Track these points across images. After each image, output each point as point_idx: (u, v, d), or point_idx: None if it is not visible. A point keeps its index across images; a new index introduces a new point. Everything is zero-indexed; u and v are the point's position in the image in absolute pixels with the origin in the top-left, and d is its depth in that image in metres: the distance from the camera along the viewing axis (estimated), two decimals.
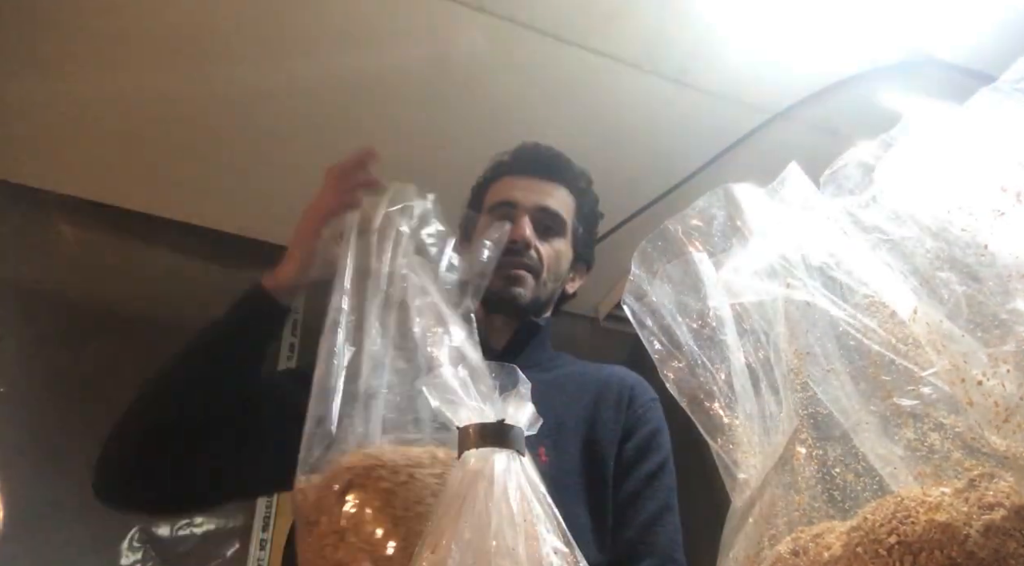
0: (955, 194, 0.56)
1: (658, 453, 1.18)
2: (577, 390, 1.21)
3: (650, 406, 1.22)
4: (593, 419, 1.18)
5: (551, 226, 1.28)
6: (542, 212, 1.27)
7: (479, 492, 0.54)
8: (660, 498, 1.13)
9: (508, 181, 1.32)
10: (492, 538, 0.51)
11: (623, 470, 1.14)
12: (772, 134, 1.75)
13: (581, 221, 1.34)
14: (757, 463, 0.61)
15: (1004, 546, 0.45)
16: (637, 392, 1.23)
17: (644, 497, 1.12)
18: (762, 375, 0.62)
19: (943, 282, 0.54)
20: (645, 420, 1.20)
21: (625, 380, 1.24)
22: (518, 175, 1.32)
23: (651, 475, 1.15)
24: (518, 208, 1.27)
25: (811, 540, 0.53)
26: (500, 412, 0.58)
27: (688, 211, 0.70)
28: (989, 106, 0.58)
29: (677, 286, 0.67)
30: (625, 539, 1.08)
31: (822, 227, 0.62)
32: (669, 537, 1.11)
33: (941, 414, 0.53)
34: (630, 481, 1.13)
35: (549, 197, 1.30)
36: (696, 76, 1.64)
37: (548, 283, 1.27)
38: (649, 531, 1.10)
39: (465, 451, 0.57)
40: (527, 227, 1.24)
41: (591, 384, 1.22)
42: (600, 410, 1.18)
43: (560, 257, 1.28)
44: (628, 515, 1.11)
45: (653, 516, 1.11)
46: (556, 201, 1.30)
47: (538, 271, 1.25)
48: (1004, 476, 0.49)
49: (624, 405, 1.20)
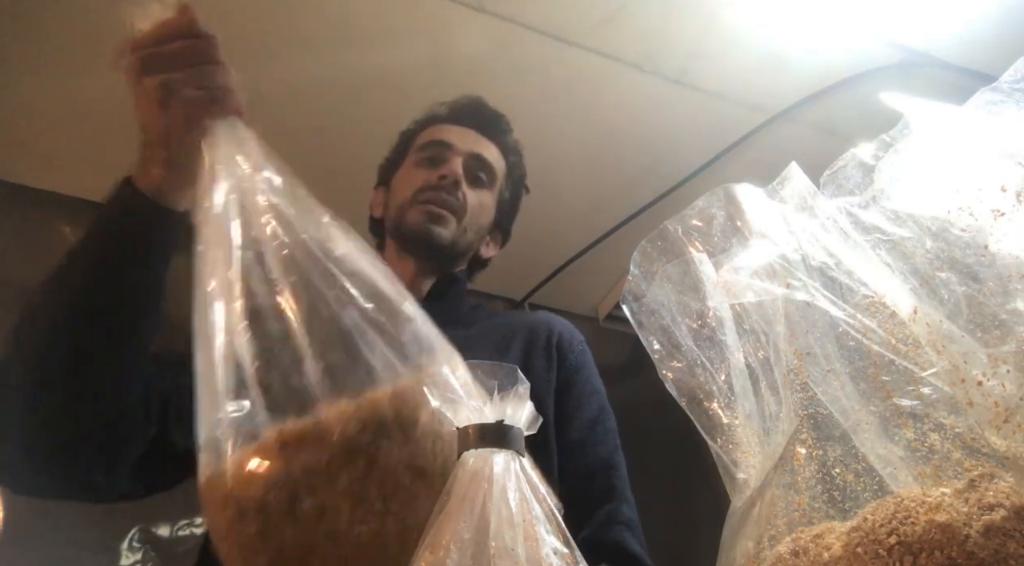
0: (955, 194, 0.56)
1: (596, 396, 1.15)
2: (503, 341, 1.16)
3: (580, 350, 1.19)
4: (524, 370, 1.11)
5: (482, 176, 1.24)
6: (476, 160, 1.24)
7: (478, 492, 0.53)
8: (609, 442, 1.11)
9: (444, 127, 1.28)
10: (491, 539, 0.51)
11: (565, 419, 1.10)
12: (772, 134, 1.75)
13: (508, 186, 1.30)
14: (757, 463, 0.61)
15: (1004, 546, 0.45)
16: (566, 337, 1.19)
17: (591, 443, 1.10)
18: (762, 375, 0.62)
19: (943, 282, 0.54)
20: (578, 366, 1.16)
21: (552, 326, 1.20)
22: (454, 124, 1.28)
23: (594, 421, 1.12)
24: (452, 149, 1.23)
25: (811, 540, 0.53)
26: (499, 412, 0.58)
27: (688, 211, 0.70)
28: (989, 106, 0.58)
29: (677, 286, 0.67)
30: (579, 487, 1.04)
31: (822, 227, 0.62)
32: (623, 480, 1.08)
33: (941, 414, 0.53)
34: (574, 430, 1.10)
35: (484, 149, 1.26)
36: (696, 76, 1.64)
37: (468, 232, 1.22)
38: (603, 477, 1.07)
39: (464, 451, 0.57)
40: (458, 166, 1.20)
41: (517, 334, 1.18)
42: (531, 359, 1.14)
43: (484, 209, 1.24)
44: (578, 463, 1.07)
45: (605, 462, 1.08)
46: (491, 155, 1.26)
47: (461, 214, 1.20)
48: (1004, 476, 0.49)
49: (554, 351, 1.16)
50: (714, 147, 1.81)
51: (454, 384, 0.63)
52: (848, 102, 1.64)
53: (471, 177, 1.23)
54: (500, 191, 1.28)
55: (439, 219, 1.18)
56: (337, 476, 0.58)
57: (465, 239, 1.22)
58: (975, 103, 0.59)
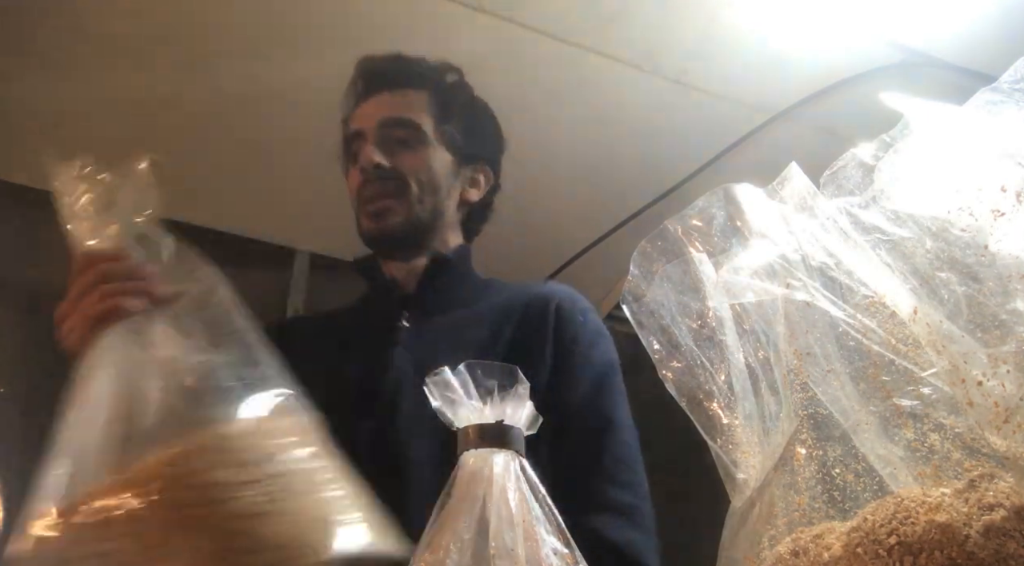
0: (955, 194, 0.56)
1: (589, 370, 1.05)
2: (500, 318, 1.10)
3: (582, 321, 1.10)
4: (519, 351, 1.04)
5: (403, 137, 1.15)
6: (386, 126, 1.15)
7: (478, 493, 0.54)
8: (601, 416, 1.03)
9: (357, 111, 1.19)
10: (491, 539, 0.51)
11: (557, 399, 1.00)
12: (772, 134, 1.75)
13: (449, 117, 1.18)
14: (757, 463, 0.61)
15: (1004, 547, 0.45)
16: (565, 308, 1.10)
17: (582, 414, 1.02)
18: (762, 375, 0.62)
19: (943, 282, 0.54)
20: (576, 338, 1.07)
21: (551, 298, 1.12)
22: (365, 98, 1.19)
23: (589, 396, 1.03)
24: (363, 134, 1.16)
25: (811, 541, 0.53)
26: (499, 412, 0.58)
27: (688, 211, 0.70)
28: (989, 106, 0.58)
29: (677, 286, 0.67)
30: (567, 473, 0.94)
31: (822, 227, 0.62)
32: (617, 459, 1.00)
33: (941, 415, 0.53)
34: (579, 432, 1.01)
35: (393, 107, 1.16)
36: (696, 76, 1.64)
37: (425, 199, 1.13)
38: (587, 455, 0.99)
39: (464, 452, 0.57)
40: (371, 151, 1.12)
41: (515, 309, 1.11)
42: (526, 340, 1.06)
43: (427, 165, 1.14)
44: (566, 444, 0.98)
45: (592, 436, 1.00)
46: (402, 107, 1.16)
47: (403, 191, 1.12)
48: (1004, 476, 0.49)
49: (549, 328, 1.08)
50: (714, 147, 1.81)
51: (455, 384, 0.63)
52: (848, 102, 1.64)
53: (393, 144, 1.13)
54: (442, 132, 1.17)
55: (382, 214, 1.12)
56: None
57: (426, 209, 1.14)
58: (975, 103, 0.59)
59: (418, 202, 1.12)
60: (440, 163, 1.15)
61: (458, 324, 0.89)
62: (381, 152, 1.12)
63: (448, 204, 1.18)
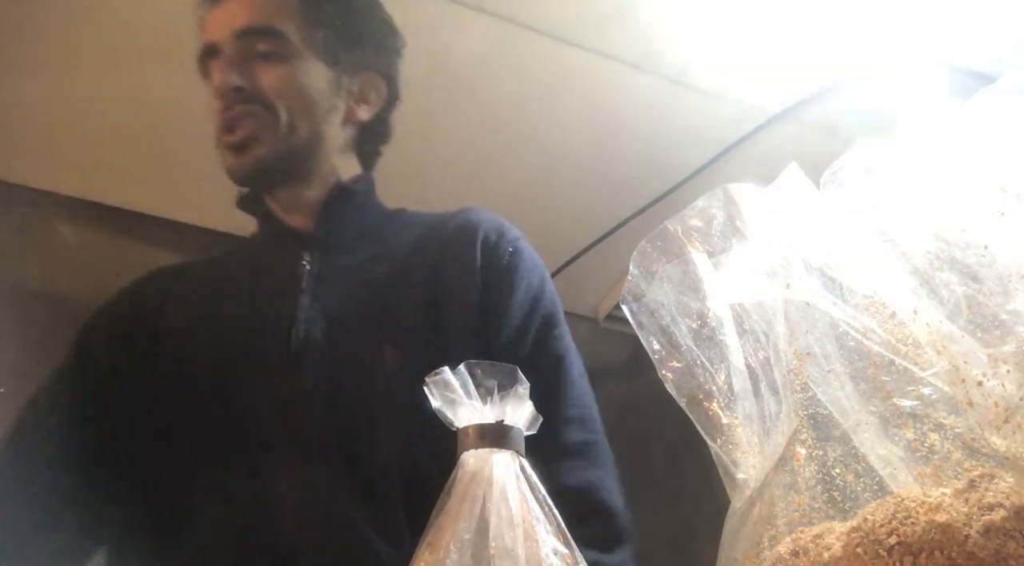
0: (955, 194, 0.56)
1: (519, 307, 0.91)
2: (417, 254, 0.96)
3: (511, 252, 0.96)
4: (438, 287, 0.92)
5: (266, 50, 0.95)
6: (243, 38, 0.96)
7: (478, 493, 0.54)
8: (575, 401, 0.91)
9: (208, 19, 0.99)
10: (491, 539, 0.51)
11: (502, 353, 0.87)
12: (772, 134, 1.75)
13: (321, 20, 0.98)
14: (757, 463, 0.61)
15: (1004, 547, 0.45)
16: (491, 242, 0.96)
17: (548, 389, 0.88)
18: (762, 375, 0.62)
19: (943, 282, 0.54)
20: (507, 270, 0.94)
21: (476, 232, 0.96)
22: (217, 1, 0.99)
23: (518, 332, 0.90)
24: (215, 51, 0.97)
25: (811, 541, 0.53)
26: (499, 412, 0.58)
27: (688, 211, 0.70)
28: (989, 106, 0.58)
29: (676, 286, 0.67)
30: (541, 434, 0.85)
31: (822, 227, 0.62)
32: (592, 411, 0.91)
33: (941, 415, 0.53)
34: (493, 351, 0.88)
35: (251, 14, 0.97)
36: (696, 76, 1.64)
37: (298, 124, 0.95)
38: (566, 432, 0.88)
39: (464, 452, 0.57)
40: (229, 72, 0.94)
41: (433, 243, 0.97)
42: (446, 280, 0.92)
43: (295, 81, 0.96)
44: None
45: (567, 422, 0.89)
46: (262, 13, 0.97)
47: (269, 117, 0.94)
48: (1004, 477, 0.48)
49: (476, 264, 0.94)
50: (714, 147, 1.81)
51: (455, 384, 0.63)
52: (848, 102, 1.64)
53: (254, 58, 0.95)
54: (313, 40, 0.98)
55: (245, 146, 0.94)
56: None
57: (301, 135, 0.96)
58: (975, 103, 0.59)
59: (288, 128, 0.95)
60: (314, 78, 0.97)
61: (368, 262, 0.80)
62: (239, 70, 0.94)
63: (329, 126, 1.00)
